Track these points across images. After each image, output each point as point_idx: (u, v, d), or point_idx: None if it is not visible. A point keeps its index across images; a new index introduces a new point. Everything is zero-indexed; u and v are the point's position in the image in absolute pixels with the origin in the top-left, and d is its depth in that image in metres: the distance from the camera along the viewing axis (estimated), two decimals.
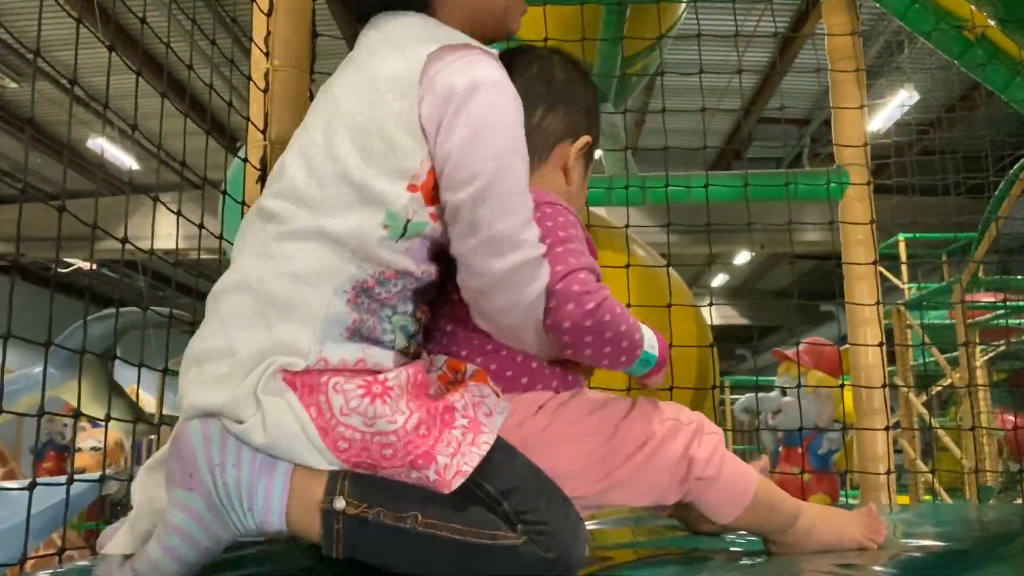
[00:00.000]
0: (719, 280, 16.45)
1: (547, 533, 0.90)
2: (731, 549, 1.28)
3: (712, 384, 3.06)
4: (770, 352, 6.91)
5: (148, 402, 6.06)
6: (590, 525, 1.52)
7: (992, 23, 2.26)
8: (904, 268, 7.31)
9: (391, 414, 0.92)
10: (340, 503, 0.90)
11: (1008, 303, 5.38)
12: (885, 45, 8.54)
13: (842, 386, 2.28)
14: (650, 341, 1.09)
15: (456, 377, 1.06)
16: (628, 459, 1.07)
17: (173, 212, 1.70)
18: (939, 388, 6.99)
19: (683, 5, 3.55)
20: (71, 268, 11.10)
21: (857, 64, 2.42)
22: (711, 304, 2.62)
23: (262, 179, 1.74)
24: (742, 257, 14.25)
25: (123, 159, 9.84)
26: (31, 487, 1.31)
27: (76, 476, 1.63)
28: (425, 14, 1.10)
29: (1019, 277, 5.98)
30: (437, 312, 1.12)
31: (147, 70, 1.56)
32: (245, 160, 1.75)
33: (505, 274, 0.99)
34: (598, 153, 3.37)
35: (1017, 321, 5.76)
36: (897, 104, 8.82)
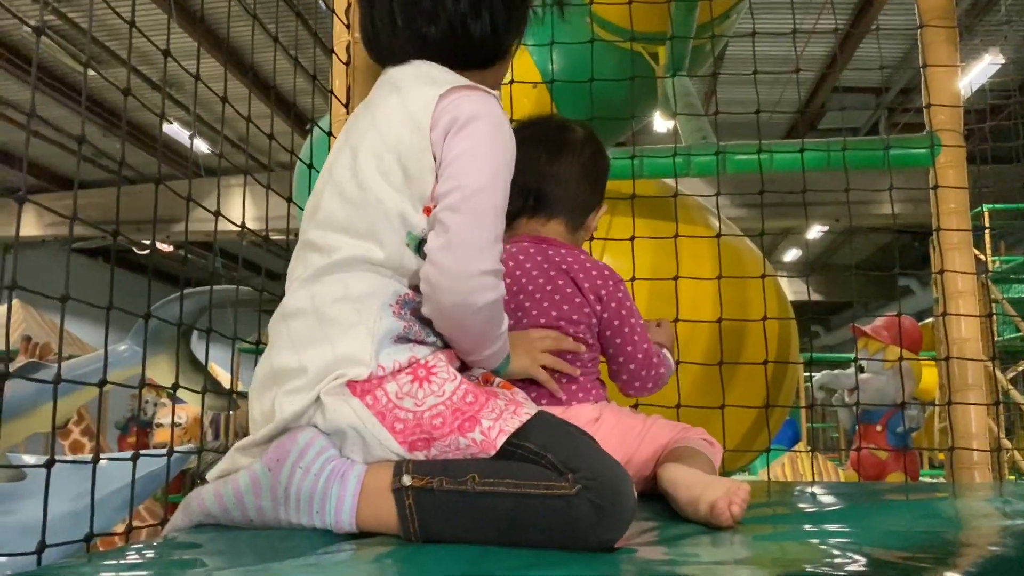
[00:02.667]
0: (792, 255, 16.13)
1: (599, 483, 0.97)
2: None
3: (795, 359, 2.99)
4: (845, 328, 6.74)
5: (223, 379, 6.22)
6: None
7: None
8: (988, 241, 7.03)
9: (438, 388, 1.07)
10: (407, 480, 1.01)
11: None
12: (970, 5, 8.20)
13: (947, 359, 2.17)
14: (669, 364, 1.57)
15: (487, 385, 1.19)
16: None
17: (262, 187, 1.72)
18: None
19: None
20: (145, 251, 11.44)
21: (951, 21, 2.29)
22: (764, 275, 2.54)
23: None
24: (814, 232, 13.94)
25: (198, 143, 10.07)
26: (134, 458, 1.36)
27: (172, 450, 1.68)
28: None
29: None
30: None
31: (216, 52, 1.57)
32: (328, 133, 1.75)
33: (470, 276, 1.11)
34: (671, 123, 3.31)
35: None
36: (981, 69, 8.48)
